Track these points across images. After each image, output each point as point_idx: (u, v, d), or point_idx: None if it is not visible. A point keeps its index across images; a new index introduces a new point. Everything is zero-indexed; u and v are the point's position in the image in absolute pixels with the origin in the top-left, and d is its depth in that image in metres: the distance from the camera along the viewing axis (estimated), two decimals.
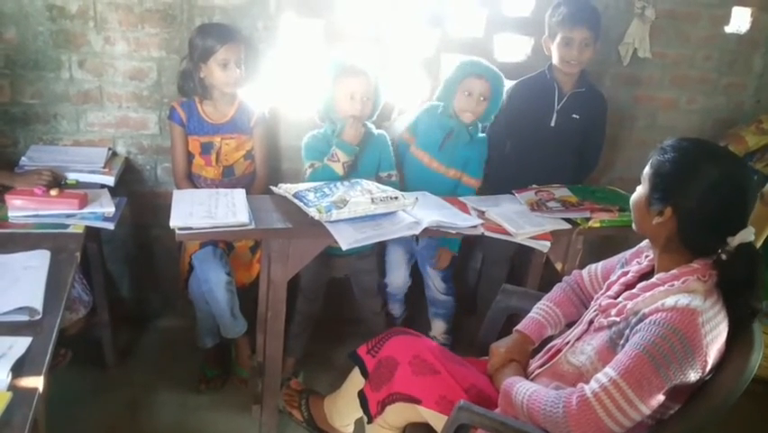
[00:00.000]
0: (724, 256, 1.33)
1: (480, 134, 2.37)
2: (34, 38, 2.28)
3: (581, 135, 2.47)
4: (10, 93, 2.33)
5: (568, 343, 1.54)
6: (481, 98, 2.24)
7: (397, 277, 2.52)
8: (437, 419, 1.52)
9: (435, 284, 2.52)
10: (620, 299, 1.44)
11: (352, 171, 2.16)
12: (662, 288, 1.35)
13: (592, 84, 2.47)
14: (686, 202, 1.33)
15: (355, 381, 1.78)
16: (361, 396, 1.69)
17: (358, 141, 2.14)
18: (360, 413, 1.74)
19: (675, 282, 1.34)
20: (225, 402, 2.32)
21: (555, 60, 2.37)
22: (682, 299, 1.28)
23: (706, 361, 1.27)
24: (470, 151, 2.34)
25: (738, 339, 1.35)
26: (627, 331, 1.34)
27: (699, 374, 1.27)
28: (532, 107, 2.42)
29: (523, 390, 1.40)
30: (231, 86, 2.25)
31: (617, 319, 1.40)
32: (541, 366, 1.58)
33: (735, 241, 1.32)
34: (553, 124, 2.42)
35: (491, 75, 2.26)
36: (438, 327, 2.60)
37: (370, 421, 1.67)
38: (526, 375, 1.59)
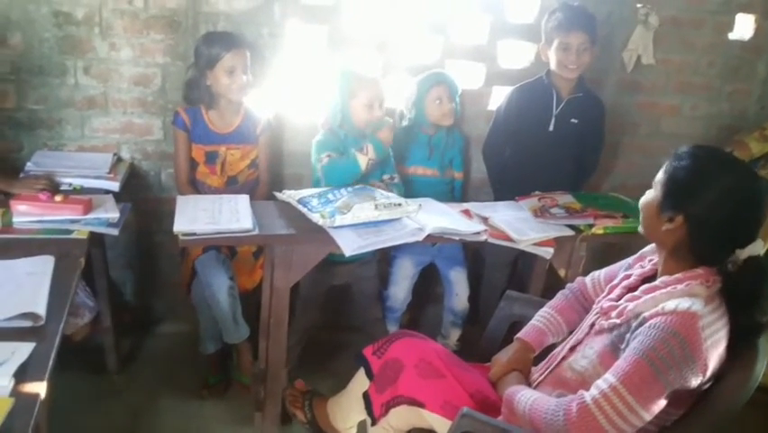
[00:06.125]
0: (730, 267, 1.33)
1: (454, 131, 2.57)
2: (40, 44, 2.29)
3: (580, 140, 2.47)
4: (15, 98, 2.34)
5: (571, 349, 1.53)
6: (449, 100, 2.43)
7: (400, 290, 2.53)
8: (441, 424, 1.51)
9: (461, 291, 2.54)
10: (622, 301, 1.44)
11: (371, 172, 2.17)
12: (664, 290, 1.35)
13: (590, 89, 2.48)
14: (698, 211, 1.33)
15: (360, 382, 1.77)
16: (366, 397, 1.68)
17: (390, 144, 2.18)
18: (363, 415, 1.74)
19: (678, 286, 1.34)
20: (227, 409, 2.31)
21: (553, 66, 2.37)
22: (683, 303, 1.28)
23: (706, 365, 1.26)
24: (452, 149, 2.55)
25: (742, 348, 1.34)
26: (628, 335, 1.34)
27: (700, 379, 1.27)
28: (530, 112, 2.43)
29: (525, 398, 1.39)
30: (237, 92, 2.25)
31: (618, 321, 1.39)
32: (543, 374, 1.58)
33: (743, 254, 1.31)
34: (551, 128, 2.43)
35: (447, 79, 2.46)
36: (455, 334, 2.61)
37: (373, 423, 1.66)
38: (529, 383, 1.59)
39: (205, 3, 2.34)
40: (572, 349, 1.52)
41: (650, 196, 1.43)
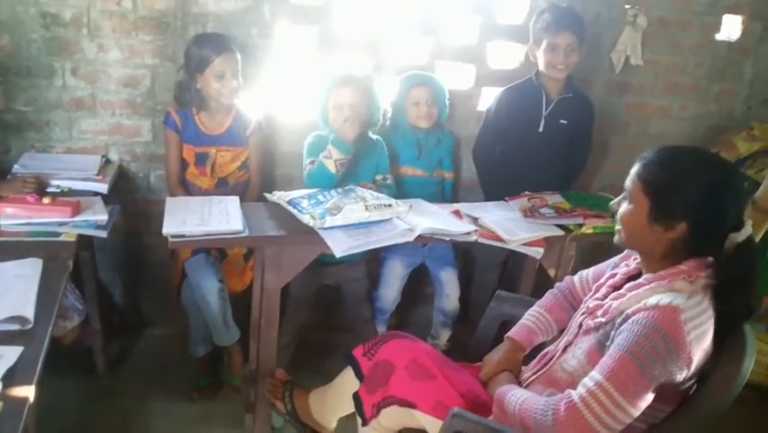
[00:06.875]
0: (723, 256, 1.34)
1: (444, 131, 2.55)
2: (28, 45, 2.28)
3: (570, 140, 2.49)
4: (3, 100, 2.32)
5: (561, 349, 1.54)
6: (429, 103, 2.40)
7: (391, 291, 2.54)
8: (433, 425, 1.51)
9: (451, 291, 2.54)
10: (607, 300, 1.45)
11: (347, 173, 2.16)
12: (647, 287, 1.36)
13: (579, 89, 2.49)
14: (700, 215, 1.33)
15: (348, 381, 1.77)
16: (356, 398, 1.68)
17: (352, 138, 2.10)
18: (346, 412, 1.75)
19: (661, 282, 1.35)
20: (218, 411, 2.31)
21: (542, 66, 2.39)
22: (665, 298, 1.29)
23: (690, 359, 1.27)
24: (441, 149, 2.53)
25: (730, 344, 1.35)
26: (613, 333, 1.35)
27: (685, 373, 1.28)
28: (520, 114, 2.44)
29: (515, 398, 1.40)
30: (228, 96, 2.24)
31: (604, 320, 1.41)
32: (535, 373, 1.59)
33: (739, 237, 1.33)
34: (541, 129, 2.43)
35: (430, 81, 2.43)
36: (445, 335, 2.61)
37: (364, 424, 1.66)
38: (520, 383, 1.59)
39: (195, 3, 2.33)
40: (564, 350, 1.53)
41: (632, 209, 1.40)
